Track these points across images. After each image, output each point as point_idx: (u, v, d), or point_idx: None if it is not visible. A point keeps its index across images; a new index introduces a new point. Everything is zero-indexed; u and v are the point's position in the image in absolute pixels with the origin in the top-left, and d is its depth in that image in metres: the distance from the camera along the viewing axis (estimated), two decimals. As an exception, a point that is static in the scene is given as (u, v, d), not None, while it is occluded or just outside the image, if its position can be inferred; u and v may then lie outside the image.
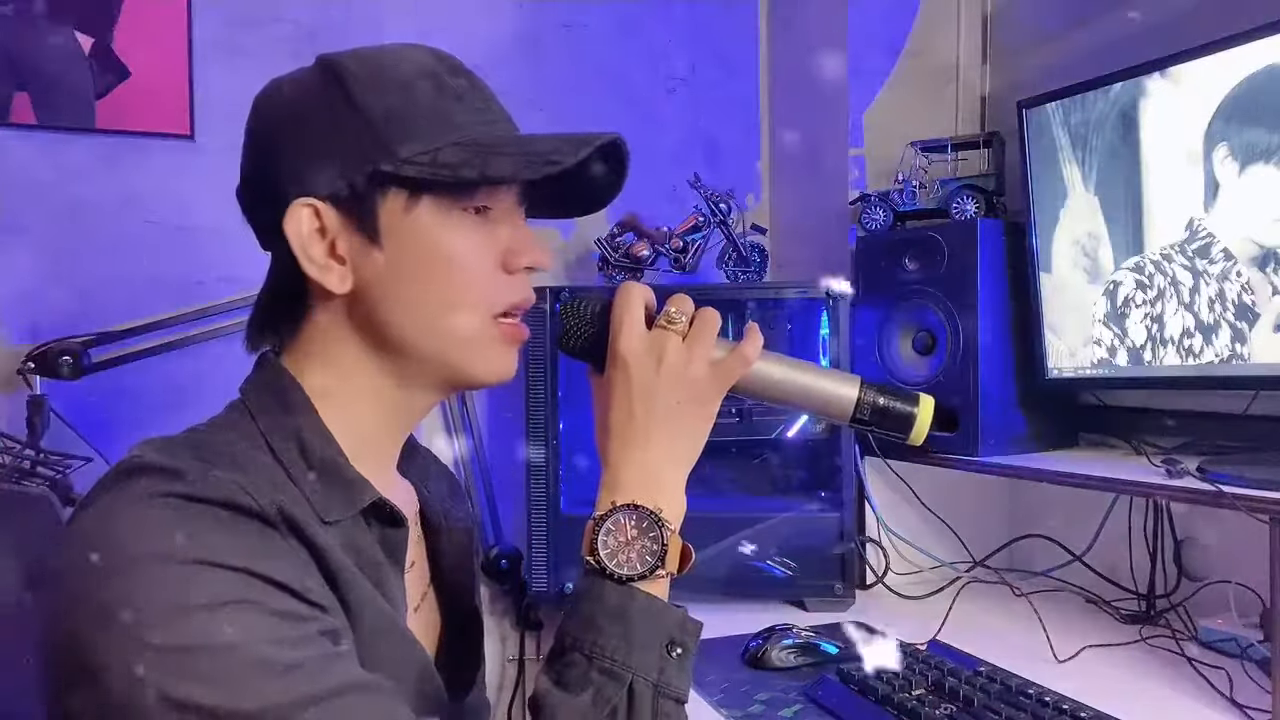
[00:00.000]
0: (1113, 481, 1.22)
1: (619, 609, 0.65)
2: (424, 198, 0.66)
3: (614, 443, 0.70)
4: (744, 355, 0.71)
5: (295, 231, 0.65)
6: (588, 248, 1.80)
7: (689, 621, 0.68)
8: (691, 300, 0.72)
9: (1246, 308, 1.16)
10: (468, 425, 1.80)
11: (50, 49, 1.54)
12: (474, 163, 0.64)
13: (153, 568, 0.53)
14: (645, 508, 0.67)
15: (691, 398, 0.70)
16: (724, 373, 0.71)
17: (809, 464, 1.63)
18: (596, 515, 0.67)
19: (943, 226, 1.51)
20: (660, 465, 0.69)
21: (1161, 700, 1.12)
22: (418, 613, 0.75)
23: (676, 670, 0.66)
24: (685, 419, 0.70)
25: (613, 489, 0.68)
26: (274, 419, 0.66)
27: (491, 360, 0.70)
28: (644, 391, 0.69)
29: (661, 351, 0.69)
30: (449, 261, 0.67)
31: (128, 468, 0.58)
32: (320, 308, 0.69)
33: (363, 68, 0.66)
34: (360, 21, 1.68)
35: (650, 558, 0.66)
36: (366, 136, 0.64)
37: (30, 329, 1.50)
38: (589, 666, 0.63)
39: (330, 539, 0.62)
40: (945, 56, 1.83)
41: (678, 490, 0.70)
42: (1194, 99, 1.19)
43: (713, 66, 2.03)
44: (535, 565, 1.51)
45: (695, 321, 0.71)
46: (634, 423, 0.69)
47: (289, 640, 0.54)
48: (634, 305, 0.71)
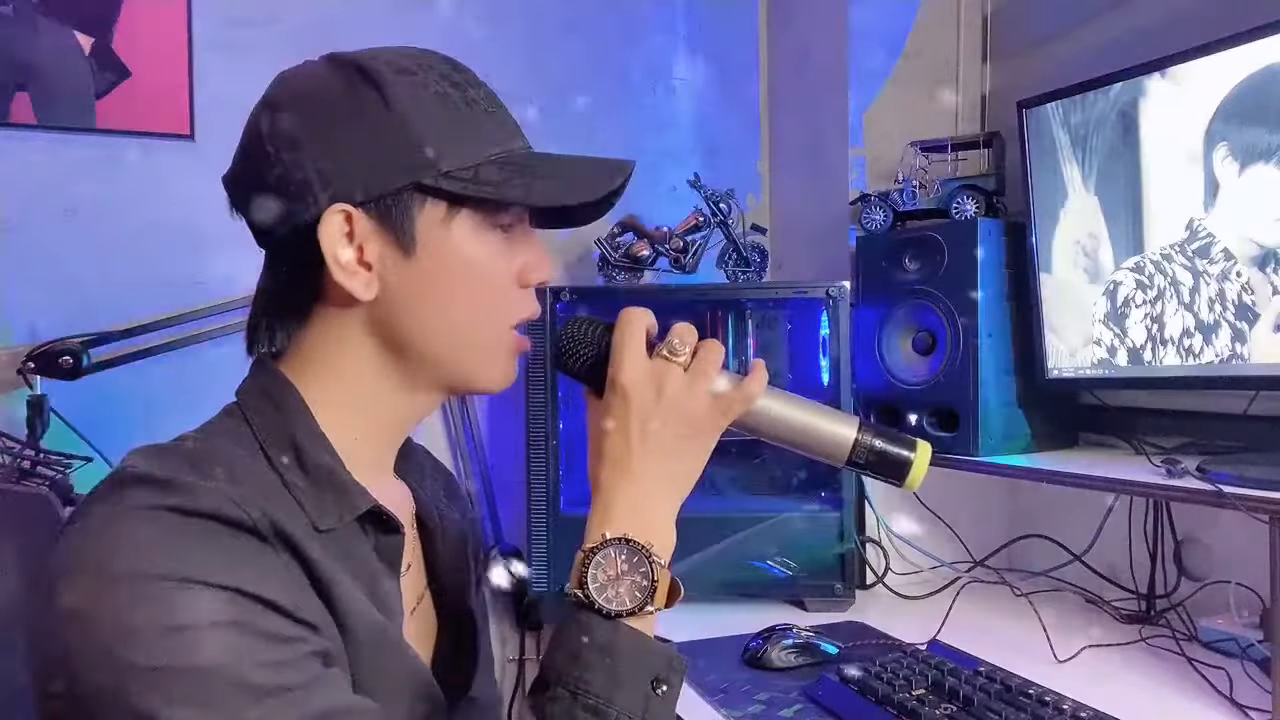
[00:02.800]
0: (1113, 481, 1.22)
1: (606, 645, 0.63)
2: (462, 211, 0.67)
3: (607, 470, 0.69)
4: (747, 392, 0.70)
5: (328, 236, 0.64)
6: (588, 248, 1.80)
7: (675, 659, 0.67)
8: (695, 331, 0.71)
9: (1246, 308, 1.16)
10: (468, 425, 1.80)
11: (50, 49, 1.54)
12: (516, 183, 0.66)
13: (140, 585, 0.53)
14: (636, 542, 0.65)
15: (690, 431, 0.69)
16: (724, 408, 0.70)
17: (809, 464, 1.63)
18: (586, 547, 0.66)
19: (943, 226, 1.51)
20: (653, 498, 0.68)
21: (1161, 700, 1.12)
22: (414, 615, 0.74)
23: (661, 708, 0.64)
24: (682, 452, 0.69)
25: (604, 520, 0.67)
26: (269, 424, 0.66)
27: (501, 369, 0.72)
28: (641, 422, 0.68)
29: (662, 382, 0.69)
30: (479, 275, 0.68)
31: (119, 479, 0.58)
32: (334, 312, 0.68)
33: (394, 74, 0.66)
34: (360, 21, 1.69)
35: (640, 594, 0.65)
36: (407, 146, 0.64)
37: (30, 329, 1.50)
38: (573, 703, 0.62)
39: (324, 549, 0.61)
40: (945, 56, 1.83)
41: (669, 523, 0.69)
42: (1194, 99, 1.18)
43: (713, 66, 2.03)
44: (535, 565, 1.51)
45: (699, 353, 0.70)
46: (630, 453, 0.68)
47: (275, 663, 0.54)
48: (635, 332, 0.70)
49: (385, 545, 0.69)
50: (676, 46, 2.00)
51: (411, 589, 0.75)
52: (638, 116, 1.95)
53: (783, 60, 2.02)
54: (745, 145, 2.06)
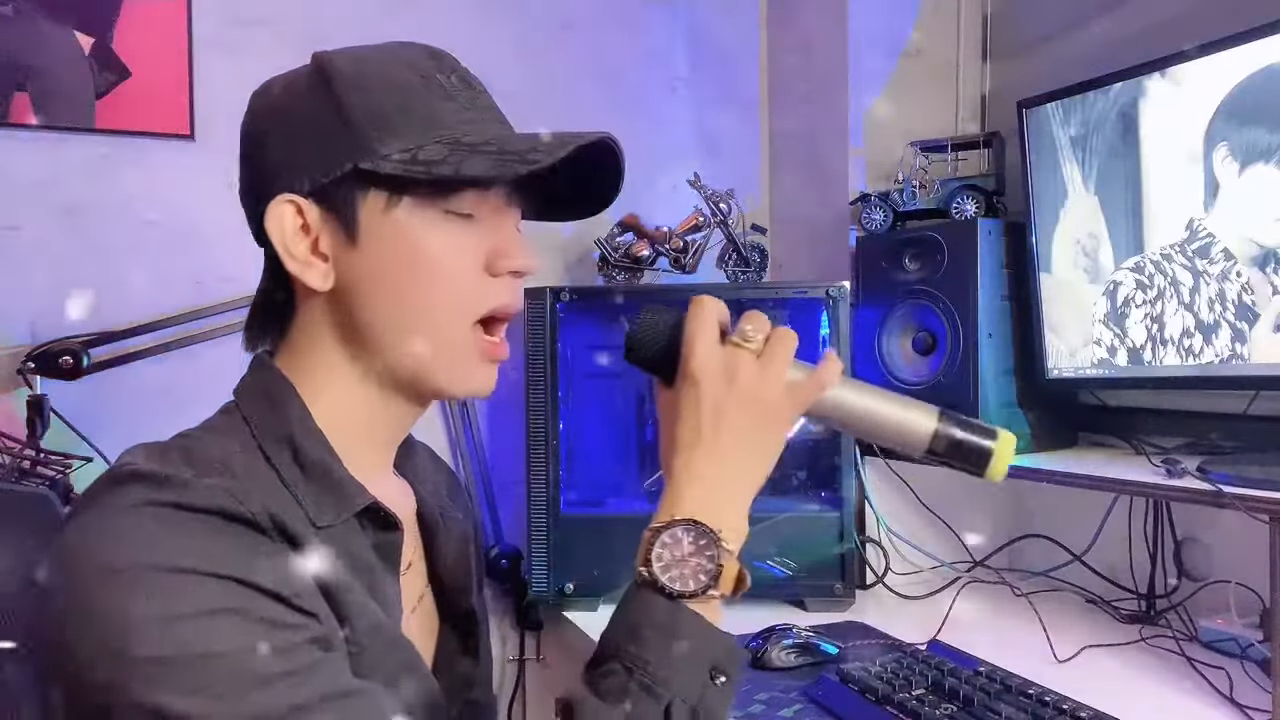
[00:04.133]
0: (1113, 481, 1.22)
1: (666, 624, 0.62)
2: (404, 198, 0.65)
3: (680, 458, 0.67)
4: (821, 380, 0.68)
5: (277, 227, 0.65)
6: (588, 248, 1.80)
7: (736, 651, 0.66)
8: (767, 318, 0.70)
9: (1246, 308, 1.16)
10: (468, 425, 1.80)
11: (50, 49, 1.54)
12: (450, 160, 0.63)
13: (139, 577, 0.53)
14: (704, 525, 0.64)
15: (763, 419, 0.67)
16: (799, 396, 0.68)
17: (809, 464, 1.63)
18: (654, 526, 0.65)
19: (943, 226, 1.51)
20: (725, 485, 0.67)
21: (1161, 700, 1.12)
22: (414, 614, 0.74)
23: (718, 698, 0.63)
24: (755, 440, 0.67)
25: (674, 503, 0.66)
26: (266, 421, 0.66)
27: (466, 374, 0.69)
28: (714, 410, 0.66)
29: (735, 370, 0.67)
30: (428, 262, 0.66)
31: (117, 475, 0.57)
32: (304, 307, 0.69)
33: (351, 65, 0.66)
34: (360, 21, 1.68)
35: (704, 576, 0.63)
36: (348, 134, 0.64)
37: (30, 329, 1.50)
38: (628, 679, 0.61)
39: (323, 544, 0.61)
40: (945, 56, 1.83)
41: (742, 512, 0.67)
42: (1194, 99, 1.19)
43: (713, 66, 2.02)
44: (535, 565, 1.51)
45: (771, 340, 0.68)
46: (701, 440, 0.66)
47: (277, 648, 0.54)
48: (709, 320, 0.69)
49: (383, 542, 0.68)
50: (676, 46, 2.00)
51: (412, 588, 0.75)
52: (637, 116, 1.95)
53: (783, 60, 2.02)
54: (745, 145, 2.05)
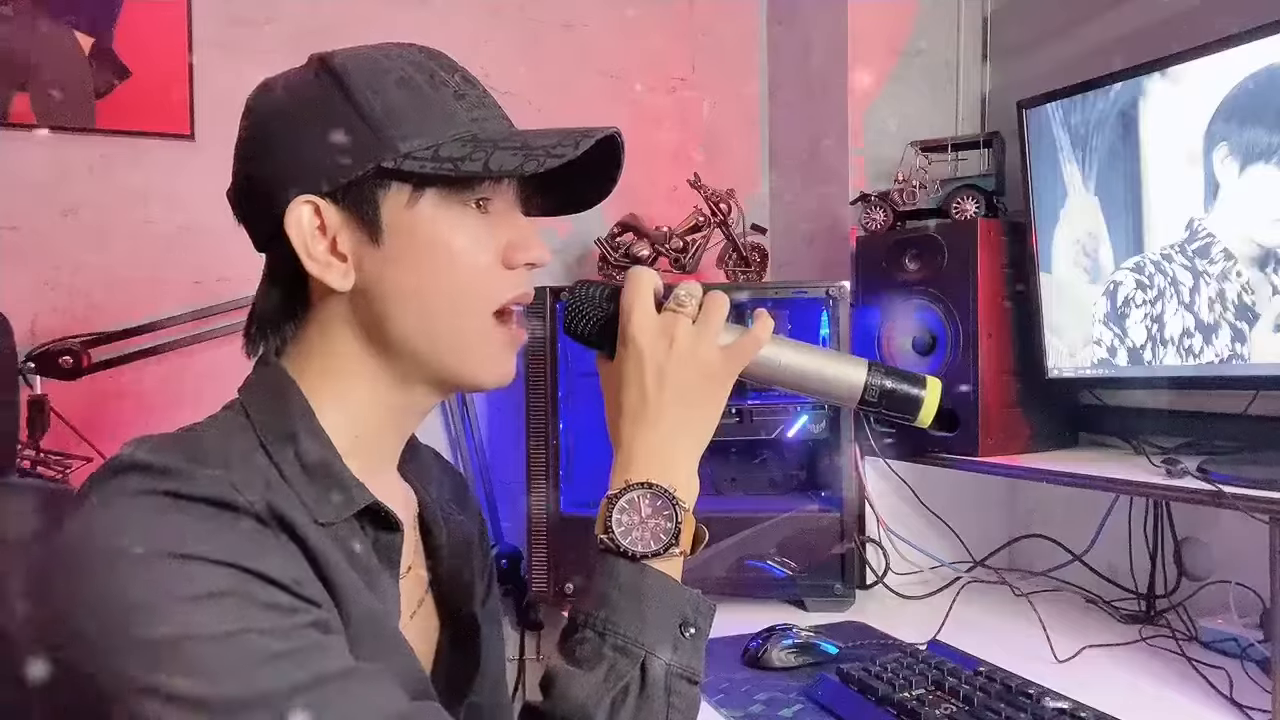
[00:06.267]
0: (1113, 481, 1.22)
1: (632, 586, 0.65)
2: (427, 192, 0.66)
3: (626, 424, 0.70)
4: (755, 337, 0.72)
5: (296, 229, 0.65)
6: (588, 248, 1.80)
7: (702, 602, 0.68)
8: (699, 286, 0.73)
9: (1246, 308, 1.16)
10: (468, 425, 1.80)
11: (50, 49, 1.54)
12: (476, 156, 0.64)
13: (139, 563, 0.53)
14: (659, 485, 0.67)
15: (703, 378, 0.70)
16: (735, 354, 0.71)
17: (809, 464, 1.63)
18: (610, 494, 0.67)
19: (943, 226, 1.51)
20: (673, 444, 0.69)
21: (1161, 700, 1.12)
22: (414, 619, 0.74)
23: (690, 650, 0.66)
24: (697, 400, 0.70)
25: (626, 468, 0.68)
26: (269, 419, 0.66)
27: (490, 363, 0.71)
28: (656, 372, 0.69)
29: (673, 333, 0.70)
30: (451, 255, 0.67)
31: (118, 465, 0.58)
32: (320, 306, 0.69)
33: (359, 65, 0.66)
34: (360, 21, 1.69)
35: (664, 535, 0.66)
36: (367, 132, 0.64)
37: (30, 329, 1.50)
38: (601, 643, 0.63)
39: (323, 539, 0.62)
40: (945, 56, 1.83)
41: (691, 471, 0.70)
42: (1194, 99, 1.18)
43: (713, 66, 2.02)
44: (535, 565, 1.51)
45: (705, 304, 0.72)
46: (646, 404, 0.69)
47: (278, 630, 0.54)
48: (644, 289, 0.71)
49: (383, 543, 0.68)
50: (676, 46, 2.00)
51: (412, 592, 0.74)
52: (637, 116, 1.95)
53: (783, 60, 2.02)
54: (745, 145, 2.06)
